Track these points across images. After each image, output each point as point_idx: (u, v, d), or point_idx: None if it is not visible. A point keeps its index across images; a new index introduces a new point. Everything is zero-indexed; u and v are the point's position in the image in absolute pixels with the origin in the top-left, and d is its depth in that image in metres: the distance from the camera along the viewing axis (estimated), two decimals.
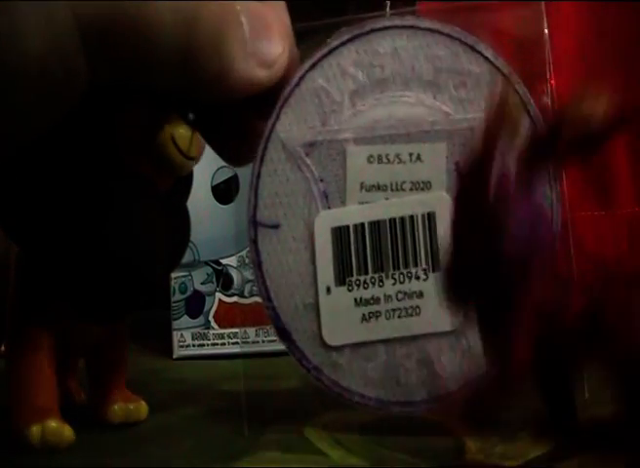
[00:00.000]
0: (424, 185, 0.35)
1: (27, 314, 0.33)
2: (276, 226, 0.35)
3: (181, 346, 0.55)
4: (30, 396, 0.32)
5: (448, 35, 0.35)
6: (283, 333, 0.35)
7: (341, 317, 0.34)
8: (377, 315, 0.34)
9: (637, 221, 0.25)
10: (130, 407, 0.36)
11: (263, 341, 0.53)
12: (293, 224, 0.35)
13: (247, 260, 0.55)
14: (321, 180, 0.35)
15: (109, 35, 0.26)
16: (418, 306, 0.34)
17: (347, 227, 0.34)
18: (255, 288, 0.53)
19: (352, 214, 0.34)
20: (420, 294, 0.34)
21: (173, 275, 0.55)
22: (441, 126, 0.34)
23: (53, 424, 0.32)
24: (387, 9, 0.33)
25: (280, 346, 0.35)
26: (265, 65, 0.30)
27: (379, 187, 0.35)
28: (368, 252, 0.34)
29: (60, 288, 0.31)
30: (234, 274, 0.57)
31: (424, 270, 0.34)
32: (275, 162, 0.35)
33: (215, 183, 0.58)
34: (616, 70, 0.38)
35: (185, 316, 0.55)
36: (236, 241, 0.55)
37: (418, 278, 0.34)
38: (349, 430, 0.33)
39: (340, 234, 0.34)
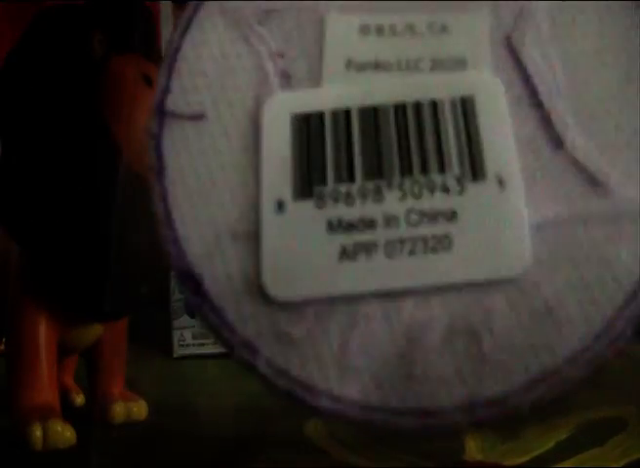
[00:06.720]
0: (455, 64, 0.20)
1: (28, 313, 0.32)
2: (198, 117, 0.20)
3: (182, 345, 0.54)
4: (31, 396, 0.31)
5: None
6: (187, 281, 0.18)
7: (303, 251, 0.18)
8: (369, 249, 0.18)
9: None
10: (130, 406, 0.34)
11: None
12: (226, 115, 0.20)
13: None
14: (280, 56, 0.21)
15: None
16: (448, 236, 0.18)
17: (321, 114, 0.20)
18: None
19: (331, 96, 0.20)
20: (452, 217, 0.18)
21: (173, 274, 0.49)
22: None
23: (54, 424, 0.30)
24: None
25: None
26: None
27: (377, 66, 0.20)
28: (356, 147, 0.19)
29: (60, 286, 0.31)
30: None
31: (458, 177, 0.19)
32: (207, 31, 0.21)
33: None
34: None
35: (185, 315, 0.54)
36: None
37: (446, 189, 0.18)
38: (350, 428, 0.25)
39: (306, 123, 0.20)
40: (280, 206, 0.19)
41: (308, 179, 0.19)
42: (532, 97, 0.20)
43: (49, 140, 0.30)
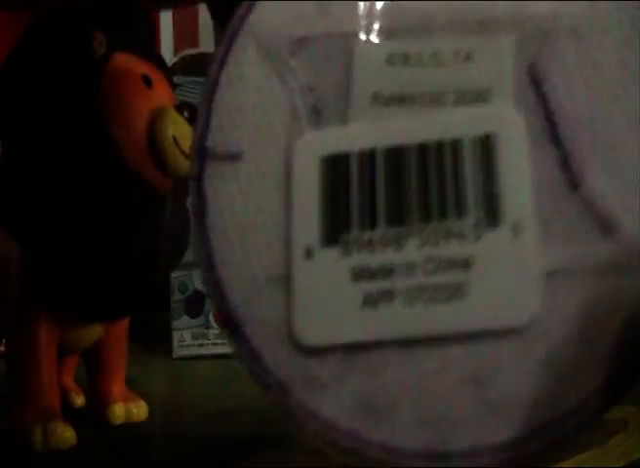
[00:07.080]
0: (478, 96, 0.21)
1: (28, 313, 0.32)
2: (236, 156, 0.21)
3: (181, 346, 0.54)
4: (32, 397, 0.31)
5: None
6: (230, 324, 0.20)
7: (329, 299, 0.20)
8: (389, 297, 0.20)
9: None
10: (130, 407, 0.35)
11: None
12: (262, 154, 0.21)
13: None
14: (310, 90, 0.22)
15: None
16: (462, 284, 0.19)
17: (347, 156, 0.21)
18: None
19: (357, 136, 0.21)
20: (467, 264, 0.20)
21: (173, 274, 0.53)
22: (506, 11, 0.21)
23: (55, 425, 0.31)
24: None
25: None
26: None
27: (402, 99, 0.21)
28: (379, 193, 0.20)
29: (60, 286, 0.31)
30: None
31: (475, 224, 0.20)
32: (243, 65, 0.22)
33: None
34: None
35: (185, 316, 0.54)
36: None
37: (463, 237, 0.20)
38: None
39: (333, 166, 0.21)
40: (309, 252, 0.20)
41: (335, 226, 0.20)
42: (552, 132, 0.21)
43: (49, 141, 0.30)
